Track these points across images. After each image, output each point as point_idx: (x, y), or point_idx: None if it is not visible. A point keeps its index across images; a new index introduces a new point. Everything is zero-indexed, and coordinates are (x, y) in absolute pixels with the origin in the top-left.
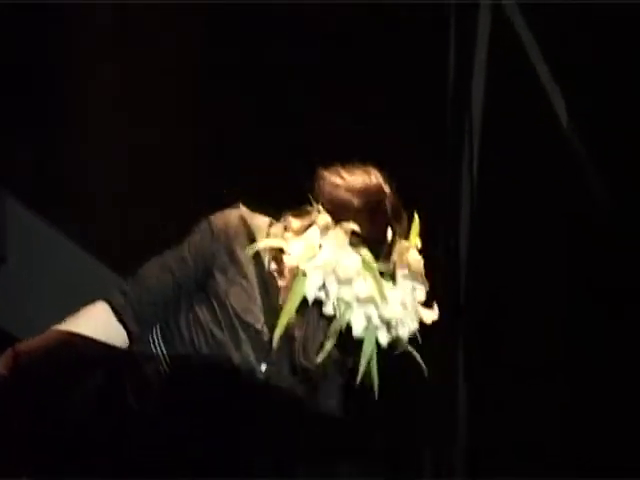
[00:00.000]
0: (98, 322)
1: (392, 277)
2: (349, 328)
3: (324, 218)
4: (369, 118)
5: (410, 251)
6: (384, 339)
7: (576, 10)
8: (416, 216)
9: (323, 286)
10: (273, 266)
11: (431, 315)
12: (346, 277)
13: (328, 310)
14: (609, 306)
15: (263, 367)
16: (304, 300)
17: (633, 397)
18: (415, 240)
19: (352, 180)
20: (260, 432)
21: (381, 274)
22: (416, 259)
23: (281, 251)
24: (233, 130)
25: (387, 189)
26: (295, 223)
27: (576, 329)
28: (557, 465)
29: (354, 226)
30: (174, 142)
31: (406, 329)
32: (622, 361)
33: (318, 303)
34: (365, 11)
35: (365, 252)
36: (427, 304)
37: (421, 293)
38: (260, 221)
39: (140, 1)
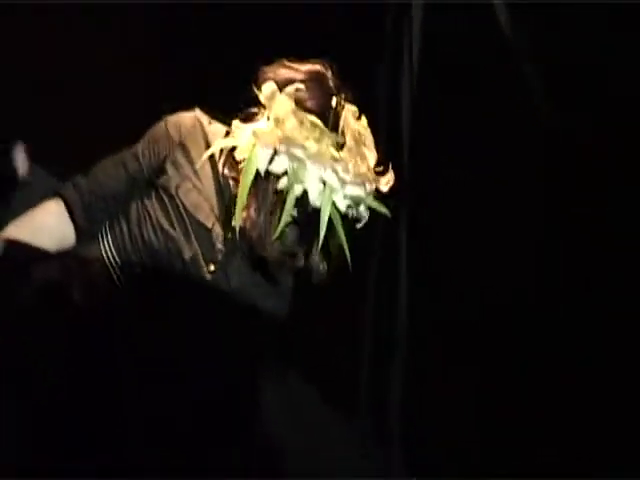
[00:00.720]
0: (50, 217)
1: (341, 146)
2: (306, 202)
3: (269, 86)
4: None
5: (357, 119)
6: (342, 202)
7: None
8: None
9: (275, 155)
10: (228, 172)
11: (387, 180)
12: (296, 139)
13: (282, 183)
14: (560, 203)
15: (211, 266)
16: (258, 179)
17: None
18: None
19: (294, 64)
20: (206, 330)
21: None
22: (364, 126)
23: (234, 158)
24: None
25: (329, 72)
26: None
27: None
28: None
29: (298, 85)
30: None
31: (362, 190)
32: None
33: (272, 180)
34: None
35: (312, 117)
36: (381, 173)
37: (372, 159)
38: (217, 128)
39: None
